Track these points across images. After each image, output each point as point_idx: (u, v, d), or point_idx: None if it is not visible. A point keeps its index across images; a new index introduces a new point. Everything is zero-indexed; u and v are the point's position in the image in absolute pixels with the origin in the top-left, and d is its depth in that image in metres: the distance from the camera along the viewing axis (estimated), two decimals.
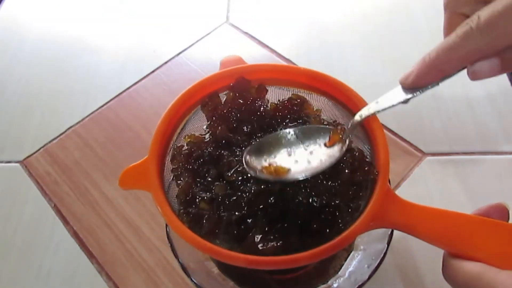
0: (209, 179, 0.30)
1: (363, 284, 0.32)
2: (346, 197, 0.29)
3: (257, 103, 0.33)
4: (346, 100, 0.33)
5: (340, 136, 0.30)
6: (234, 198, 0.29)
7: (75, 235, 0.45)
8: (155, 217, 0.45)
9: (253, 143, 0.31)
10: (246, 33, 0.61)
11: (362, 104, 0.31)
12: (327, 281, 0.38)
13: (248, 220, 0.28)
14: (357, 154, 0.30)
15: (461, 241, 0.27)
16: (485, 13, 0.25)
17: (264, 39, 0.59)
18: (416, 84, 0.27)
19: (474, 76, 0.27)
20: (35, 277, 0.42)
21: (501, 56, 0.26)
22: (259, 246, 0.27)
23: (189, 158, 0.31)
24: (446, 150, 0.47)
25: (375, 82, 0.52)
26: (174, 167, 0.32)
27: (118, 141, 0.52)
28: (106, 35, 0.63)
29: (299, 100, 0.33)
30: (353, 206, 0.29)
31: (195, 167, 0.31)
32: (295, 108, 0.33)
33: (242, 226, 0.28)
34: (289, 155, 0.30)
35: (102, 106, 0.55)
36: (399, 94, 0.28)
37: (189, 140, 0.32)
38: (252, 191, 0.29)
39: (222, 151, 0.31)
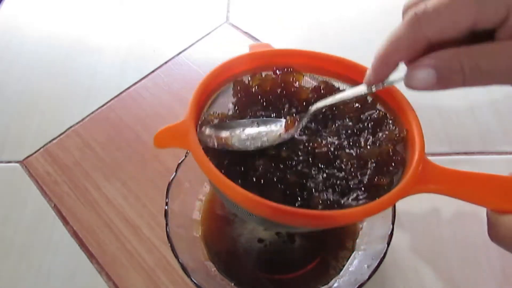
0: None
1: (363, 284, 0.32)
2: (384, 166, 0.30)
3: (292, 87, 0.33)
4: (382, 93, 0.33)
5: (294, 125, 0.31)
6: (280, 169, 0.28)
7: (75, 235, 0.45)
8: (155, 217, 0.45)
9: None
10: (246, 33, 0.61)
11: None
12: (327, 283, 0.38)
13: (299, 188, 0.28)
14: (397, 134, 0.31)
15: (506, 199, 0.28)
16: (432, 1, 0.25)
17: (264, 39, 0.59)
18: (377, 80, 0.28)
19: (407, 82, 0.27)
20: (35, 277, 0.42)
21: (438, 70, 0.26)
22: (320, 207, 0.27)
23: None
24: (446, 150, 0.47)
25: None
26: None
27: (118, 141, 0.52)
28: (106, 35, 0.63)
29: (329, 86, 0.34)
30: (391, 172, 0.30)
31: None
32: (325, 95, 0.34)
33: (301, 192, 0.28)
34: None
35: (102, 106, 0.55)
36: (363, 87, 0.29)
37: (214, 116, 0.32)
38: (298, 160, 0.29)
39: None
